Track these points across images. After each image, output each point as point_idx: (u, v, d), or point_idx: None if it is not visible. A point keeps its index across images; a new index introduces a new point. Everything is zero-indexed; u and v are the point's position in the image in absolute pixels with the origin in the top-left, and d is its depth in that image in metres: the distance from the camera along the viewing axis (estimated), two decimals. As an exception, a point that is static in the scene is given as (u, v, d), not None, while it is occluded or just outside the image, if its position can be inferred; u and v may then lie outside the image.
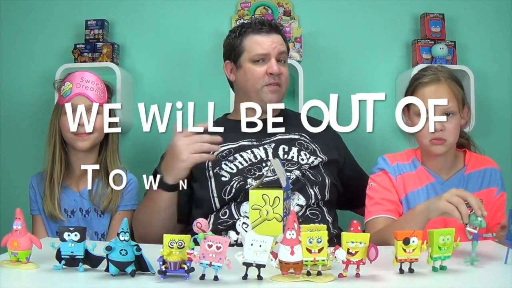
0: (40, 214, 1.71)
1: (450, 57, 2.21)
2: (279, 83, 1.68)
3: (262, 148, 1.62)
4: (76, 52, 2.20)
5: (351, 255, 0.99)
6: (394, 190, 1.54)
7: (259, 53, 1.67)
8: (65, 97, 1.64)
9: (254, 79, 1.68)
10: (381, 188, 1.55)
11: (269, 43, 1.67)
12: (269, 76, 1.66)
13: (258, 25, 1.69)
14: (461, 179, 1.55)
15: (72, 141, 1.66)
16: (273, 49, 1.67)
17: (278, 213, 1.14)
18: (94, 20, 2.23)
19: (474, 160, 1.59)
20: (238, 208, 1.53)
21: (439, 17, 2.24)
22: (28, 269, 1.07)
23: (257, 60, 1.67)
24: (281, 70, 1.68)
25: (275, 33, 1.70)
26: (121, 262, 1.00)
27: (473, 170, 1.56)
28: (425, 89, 1.48)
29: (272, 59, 1.67)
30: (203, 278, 0.98)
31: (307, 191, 1.56)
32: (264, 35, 1.68)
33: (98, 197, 1.67)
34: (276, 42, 1.68)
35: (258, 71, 1.67)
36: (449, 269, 1.07)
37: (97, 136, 1.68)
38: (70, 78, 1.68)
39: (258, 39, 1.68)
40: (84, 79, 1.67)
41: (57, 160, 1.68)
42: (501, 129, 2.32)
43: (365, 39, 2.33)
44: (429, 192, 1.54)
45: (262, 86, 1.67)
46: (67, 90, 1.65)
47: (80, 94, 1.64)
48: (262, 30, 1.68)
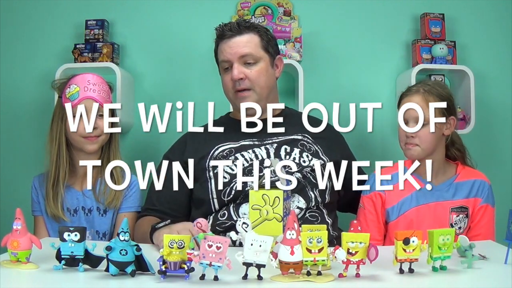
0: (42, 215, 1.71)
1: (450, 57, 2.20)
2: (247, 88, 1.63)
3: (264, 148, 1.62)
4: (76, 52, 2.20)
5: (351, 255, 0.99)
6: (381, 212, 1.65)
7: (223, 61, 1.66)
8: (72, 100, 1.63)
9: (225, 87, 1.68)
10: (368, 211, 1.66)
11: (228, 49, 1.63)
12: (233, 82, 1.63)
13: (220, 32, 1.66)
14: (451, 186, 1.63)
15: (81, 144, 1.66)
16: (233, 54, 1.62)
17: (278, 213, 1.14)
18: (94, 20, 2.23)
19: (466, 171, 1.68)
20: (237, 210, 1.52)
21: (439, 17, 2.24)
22: (28, 269, 1.07)
23: (225, 68, 1.66)
24: (245, 73, 1.62)
25: (238, 35, 1.63)
26: (121, 262, 1.00)
27: (464, 180, 1.65)
28: (406, 98, 1.64)
29: (234, 64, 1.63)
30: (203, 278, 0.98)
31: (307, 194, 1.55)
32: (226, 41, 1.65)
33: (102, 195, 1.67)
34: (235, 45, 1.63)
35: (226, 78, 1.66)
36: (449, 269, 1.07)
37: (104, 138, 1.68)
38: (75, 80, 1.67)
39: (221, 47, 1.66)
40: (91, 82, 1.66)
41: (62, 161, 1.67)
42: (501, 129, 2.32)
43: (365, 39, 2.33)
44: (418, 196, 1.62)
45: (232, 94, 1.66)
46: (74, 93, 1.64)
47: (89, 98, 1.63)
48: (225, 36, 1.65)
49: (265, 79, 1.66)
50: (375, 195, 1.66)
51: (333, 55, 2.32)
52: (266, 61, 1.67)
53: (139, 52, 2.33)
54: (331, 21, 2.34)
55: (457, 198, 1.61)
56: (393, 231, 1.64)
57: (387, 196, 1.65)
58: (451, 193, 1.62)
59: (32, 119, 2.29)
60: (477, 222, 1.61)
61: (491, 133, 2.32)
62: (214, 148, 1.62)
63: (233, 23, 1.67)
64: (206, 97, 2.20)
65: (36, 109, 2.28)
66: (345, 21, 2.34)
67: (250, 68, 1.64)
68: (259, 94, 1.65)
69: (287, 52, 2.21)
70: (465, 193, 1.62)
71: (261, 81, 1.65)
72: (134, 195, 1.71)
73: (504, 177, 2.29)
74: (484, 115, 2.28)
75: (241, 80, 1.62)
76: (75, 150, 1.69)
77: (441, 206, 1.60)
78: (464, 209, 1.60)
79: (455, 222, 1.59)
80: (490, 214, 1.62)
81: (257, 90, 1.64)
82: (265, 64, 1.67)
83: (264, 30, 1.70)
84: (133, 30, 2.33)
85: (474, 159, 1.75)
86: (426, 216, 1.60)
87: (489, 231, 1.61)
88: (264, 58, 1.66)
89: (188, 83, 2.31)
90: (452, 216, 1.59)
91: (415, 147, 1.59)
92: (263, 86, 1.66)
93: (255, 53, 1.64)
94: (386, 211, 1.65)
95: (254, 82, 1.64)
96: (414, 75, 2.12)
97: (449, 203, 1.61)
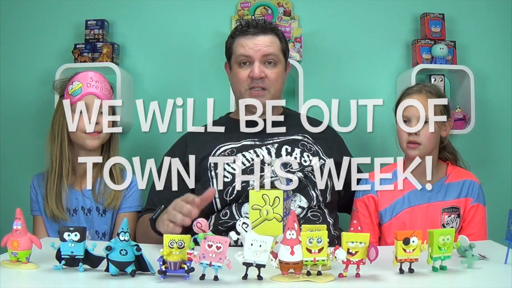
0: (41, 215, 1.71)
1: (450, 57, 2.20)
2: (263, 87, 1.65)
3: (265, 148, 1.62)
4: (76, 52, 2.20)
5: (351, 255, 0.99)
6: (374, 215, 1.66)
7: (241, 55, 1.65)
8: (74, 96, 1.64)
9: (238, 82, 1.67)
10: (361, 215, 1.67)
11: (252, 46, 1.64)
12: (251, 79, 1.64)
13: (244, 27, 1.66)
14: (442, 186, 1.64)
15: (82, 140, 1.66)
16: (256, 51, 1.63)
17: (278, 213, 1.14)
18: (94, 20, 2.23)
19: (456, 172, 1.69)
20: (239, 209, 1.52)
21: (439, 17, 2.24)
22: (28, 269, 1.08)
23: (243, 62, 1.66)
24: (265, 73, 1.64)
25: (263, 34, 1.65)
26: (121, 262, 1.00)
27: (454, 181, 1.66)
28: (407, 98, 1.64)
29: (255, 62, 1.64)
30: (203, 278, 0.98)
31: (308, 193, 1.55)
32: (249, 38, 1.65)
33: (101, 195, 1.67)
34: (261, 44, 1.64)
35: (242, 74, 1.66)
36: (449, 269, 1.07)
37: (105, 136, 1.69)
38: (78, 77, 1.67)
39: (242, 42, 1.66)
40: (94, 79, 1.67)
41: (65, 158, 1.67)
42: (501, 129, 2.32)
43: (365, 39, 2.33)
44: (410, 198, 1.64)
45: (245, 90, 1.66)
46: (76, 89, 1.64)
47: (91, 94, 1.64)
48: (248, 32, 1.65)
49: (281, 81, 1.70)
50: (368, 198, 1.67)
51: (333, 55, 2.32)
52: (283, 64, 1.71)
53: (139, 52, 2.33)
54: (331, 21, 2.34)
55: (448, 198, 1.62)
56: (386, 233, 1.65)
57: (379, 198, 1.66)
58: (442, 194, 1.63)
59: (32, 119, 2.29)
60: (469, 221, 1.61)
61: (491, 133, 2.32)
62: (215, 148, 1.62)
63: (260, 20, 1.69)
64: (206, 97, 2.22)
65: (36, 109, 2.28)
66: (345, 21, 2.34)
67: (270, 68, 1.66)
68: (273, 95, 1.67)
69: (287, 52, 2.21)
70: (456, 194, 1.63)
71: (278, 83, 1.68)
72: (134, 195, 1.71)
73: (503, 177, 2.29)
74: (484, 115, 2.28)
75: (260, 79, 1.64)
76: (76, 149, 1.69)
77: (433, 207, 1.61)
78: (456, 209, 1.61)
79: (447, 223, 1.60)
80: (481, 213, 1.63)
81: (271, 91, 1.66)
82: (282, 67, 1.70)
83: (283, 34, 1.73)
84: (133, 30, 2.33)
85: (474, 159, 1.76)
86: (419, 217, 1.61)
87: (481, 230, 1.62)
88: (282, 61, 1.70)
89: (188, 83, 2.31)
90: (444, 216, 1.60)
91: (417, 147, 1.60)
92: (278, 89, 1.68)
93: (277, 55, 1.67)
94: (379, 213, 1.66)
95: (272, 83, 1.66)
96: (414, 75, 2.12)
97: (440, 203, 1.61)
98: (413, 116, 1.57)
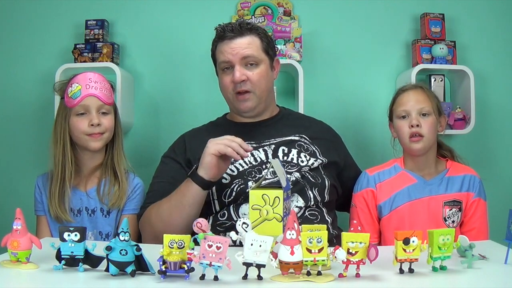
0: (45, 215, 1.70)
1: (450, 57, 2.20)
2: (247, 90, 1.62)
3: (262, 150, 1.62)
4: (76, 52, 2.20)
5: (351, 255, 0.99)
6: (373, 209, 1.67)
7: (222, 62, 1.63)
8: (74, 99, 1.63)
9: (223, 88, 1.66)
10: (360, 210, 1.68)
11: (230, 50, 1.61)
12: (234, 84, 1.62)
13: (221, 33, 1.64)
14: (443, 180, 1.65)
15: (85, 142, 1.65)
16: (234, 55, 1.60)
17: (278, 213, 1.14)
18: (94, 20, 2.23)
19: (456, 166, 1.70)
20: (236, 210, 1.52)
21: (439, 17, 2.23)
22: (28, 269, 1.07)
23: (226, 68, 1.64)
24: (247, 75, 1.61)
25: (240, 37, 1.61)
26: (121, 262, 1.00)
27: (455, 175, 1.66)
28: (405, 93, 1.68)
29: (236, 65, 1.61)
30: (203, 278, 0.98)
31: (306, 193, 1.55)
32: (226, 42, 1.62)
33: (106, 196, 1.67)
34: (238, 47, 1.60)
35: (225, 79, 1.64)
36: (449, 269, 1.07)
37: (108, 136, 1.68)
38: (77, 79, 1.67)
39: (221, 48, 1.64)
40: (93, 80, 1.66)
41: (67, 161, 1.67)
42: (501, 129, 2.33)
43: (365, 39, 2.33)
44: (410, 192, 1.64)
45: (232, 95, 1.64)
46: (76, 91, 1.64)
47: (91, 95, 1.63)
48: (225, 37, 1.62)
49: (266, 82, 1.65)
50: (366, 192, 1.67)
51: (333, 55, 2.32)
52: (267, 63, 1.66)
53: (139, 52, 2.33)
54: (331, 21, 2.34)
55: (450, 192, 1.62)
56: (386, 226, 1.64)
57: (378, 191, 1.66)
58: (444, 187, 1.63)
59: (33, 119, 2.29)
60: (471, 216, 1.62)
61: (491, 133, 2.32)
62: None
63: (234, 23, 1.65)
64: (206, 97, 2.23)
65: (36, 109, 2.28)
66: (345, 21, 2.34)
67: (252, 70, 1.62)
68: (259, 96, 1.64)
69: (287, 52, 2.21)
70: (457, 187, 1.64)
71: (262, 84, 1.64)
72: (138, 197, 1.71)
73: (503, 177, 2.30)
74: (484, 115, 2.28)
75: (242, 82, 1.61)
76: (79, 150, 1.69)
77: (434, 200, 1.62)
78: (457, 203, 1.61)
79: (448, 216, 1.60)
80: (483, 208, 1.64)
81: (257, 93, 1.63)
82: (266, 67, 1.66)
83: (264, 32, 1.68)
84: (133, 30, 2.33)
85: (474, 159, 1.77)
86: (420, 210, 1.61)
87: (483, 224, 1.62)
88: (265, 60, 1.65)
89: (188, 83, 2.30)
90: (445, 210, 1.60)
91: (421, 139, 1.61)
92: (263, 89, 1.65)
93: (257, 55, 1.63)
94: (378, 206, 1.66)
95: (255, 85, 1.62)
96: (414, 75, 2.12)
97: (442, 196, 1.62)
98: (413, 109, 1.60)
